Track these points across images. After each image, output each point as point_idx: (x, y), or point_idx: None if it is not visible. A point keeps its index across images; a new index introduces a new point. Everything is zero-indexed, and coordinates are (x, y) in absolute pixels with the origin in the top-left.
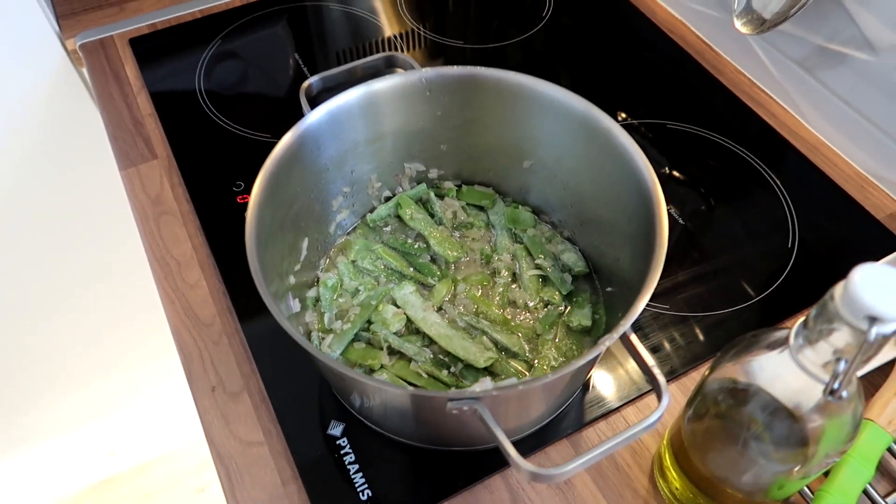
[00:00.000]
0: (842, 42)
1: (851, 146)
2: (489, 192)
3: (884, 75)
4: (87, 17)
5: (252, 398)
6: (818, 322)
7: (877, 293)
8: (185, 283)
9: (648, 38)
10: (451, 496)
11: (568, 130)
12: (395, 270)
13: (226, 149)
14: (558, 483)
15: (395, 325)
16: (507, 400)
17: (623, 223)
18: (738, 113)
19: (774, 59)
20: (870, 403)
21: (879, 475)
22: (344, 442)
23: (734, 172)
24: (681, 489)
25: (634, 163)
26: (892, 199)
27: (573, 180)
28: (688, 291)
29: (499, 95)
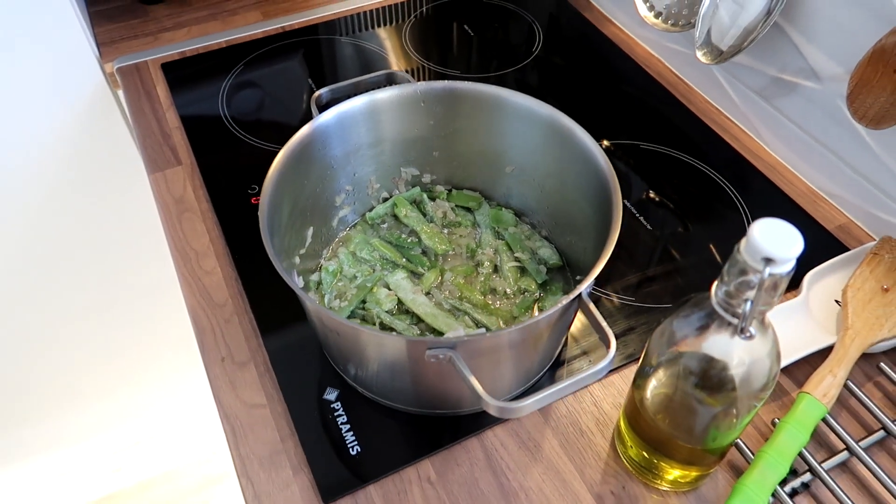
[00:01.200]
0: (792, 73)
1: (804, 166)
2: (476, 195)
3: (829, 101)
4: (124, 44)
5: (257, 368)
6: (730, 271)
7: (771, 240)
8: (202, 270)
9: (627, 72)
10: (432, 454)
11: (538, 134)
12: (389, 260)
13: (243, 157)
14: (527, 444)
15: (387, 305)
16: (480, 351)
17: (589, 214)
18: (707, 138)
19: (736, 88)
20: (808, 380)
21: (817, 444)
22: (338, 406)
23: (703, 189)
24: (635, 450)
25: (594, 158)
26: (840, 212)
27: (548, 182)
28: (652, 286)
29: (479, 106)
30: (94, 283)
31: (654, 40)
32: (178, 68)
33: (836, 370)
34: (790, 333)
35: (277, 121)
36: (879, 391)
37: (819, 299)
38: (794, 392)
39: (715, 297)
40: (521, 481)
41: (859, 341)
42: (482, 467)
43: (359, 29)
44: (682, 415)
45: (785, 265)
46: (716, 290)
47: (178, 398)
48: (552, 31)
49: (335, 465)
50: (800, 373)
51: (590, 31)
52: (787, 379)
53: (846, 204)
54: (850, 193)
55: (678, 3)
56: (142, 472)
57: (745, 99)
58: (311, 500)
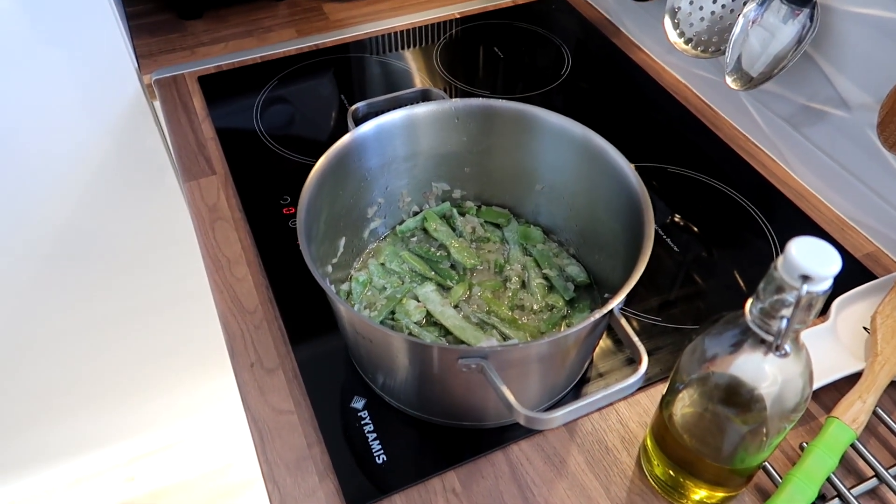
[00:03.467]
0: (821, 101)
1: (832, 193)
2: (505, 212)
3: (858, 130)
4: (162, 57)
5: (286, 374)
6: (766, 289)
7: (808, 258)
8: (233, 277)
9: (654, 98)
10: (457, 465)
11: (570, 154)
12: (418, 273)
13: (276, 169)
14: (552, 460)
15: (415, 316)
16: (510, 362)
17: (619, 232)
18: (734, 163)
19: (765, 116)
20: (837, 405)
21: (846, 470)
22: (364, 414)
23: (729, 214)
24: (662, 469)
25: (626, 177)
26: (868, 240)
27: (577, 201)
28: (676, 308)
29: (513, 124)
30: (120, 289)
31: (682, 67)
32: (213, 82)
33: (866, 396)
34: (818, 358)
35: (309, 135)
36: None
37: (847, 325)
38: (821, 417)
39: (750, 315)
40: (546, 496)
41: (889, 368)
42: (507, 481)
43: (390, 49)
44: (711, 434)
45: (822, 283)
46: (751, 308)
47: (195, 409)
48: (580, 56)
49: (361, 474)
50: (827, 398)
51: (618, 57)
52: (814, 404)
53: (874, 232)
54: (878, 222)
55: (708, 30)
56: (155, 481)
57: (773, 126)
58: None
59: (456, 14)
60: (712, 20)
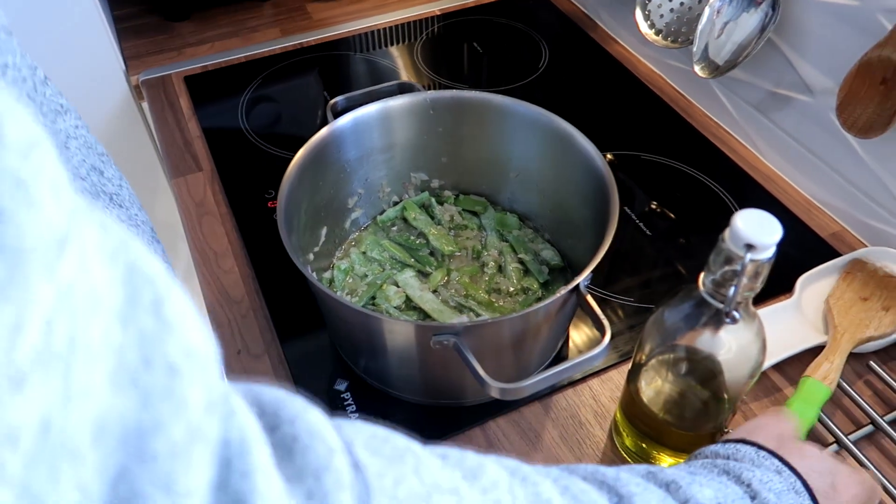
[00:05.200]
0: (786, 86)
1: (799, 176)
2: (482, 200)
3: (821, 114)
4: (149, 58)
5: (272, 360)
6: (716, 260)
7: (752, 228)
8: (220, 269)
9: (630, 88)
10: (437, 442)
11: (539, 141)
12: (398, 260)
13: (260, 165)
14: (528, 435)
15: (395, 301)
16: (483, 338)
17: (588, 217)
18: (706, 149)
19: (734, 102)
20: (808, 368)
21: (809, 438)
22: (347, 395)
23: (701, 198)
24: (631, 440)
25: (593, 161)
26: (833, 220)
27: (549, 187)
28: (651, 289)
29: (484, 114)
30: None
31: (656, 58)
32: (200, 81)
33: (832, 357)
34: (783, 332)
35: (293, 131)
36: (869, 389)
37: (811, 301)
38: (786, 389)
39: (703, 286)
40: None
41: (848, 335)
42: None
43: (372, 47)
44: (675, 402)
45: (765, 251)
46: (703, 279)
47: None
48: (558, 50)
49: None
50: (792, 370)
51: (594, 49)
52: (779, 376)
53: (839, 212)
54: (842, 202)
55: (677, 20)
56: None
57: (743, 112)
58: None
59: (436, 11)
60: (681, 11)
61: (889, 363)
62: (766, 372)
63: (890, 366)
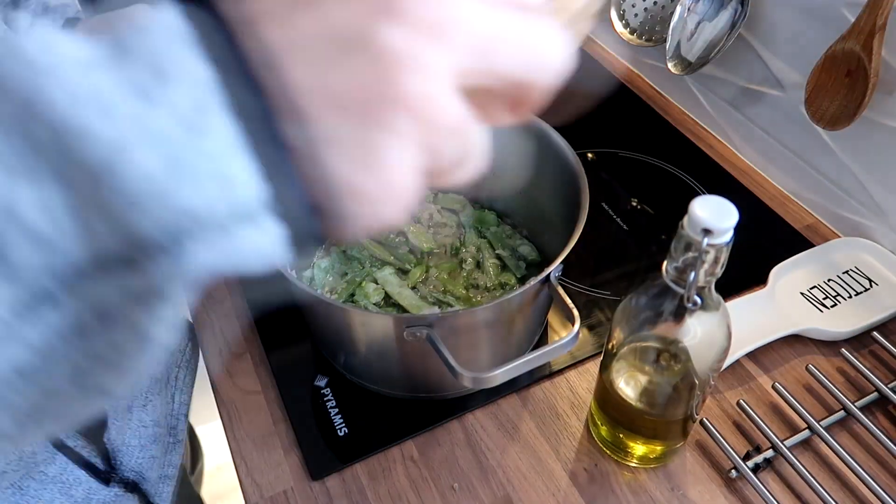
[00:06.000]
0: (758, 82)
1: (773, 169)
2: (461, 198)
3: (792, 107)
4: None
5: (253, 358)
6: (677, 247)
7: (708, 214)
8: None
9: (609, 88)
10: (415, 435)
11: (514, 137)
12: (378, 258)
13: None
14: (506, 426)
15: (374, 298)
16: (456, 329)
17: (563, 211)
18: (684, 146)
19: (709, 99)
20: None
21: (781, 423)
22: (327, 391)
23: (677, 192)
24: (606, 429)
25: (565, 156)
26: (807, 212)
27: (525, 184)
28: (626, 281)
29: None
30: None
31: (633, 56)
32: None
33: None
34: (758, 321)
35: None
36: (841, 376)
37: (784, 291)
38: (760, 377)
39: (666, 273)
40: (499, 460)
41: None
42: (462, 447)
43: None
44: (645, 389)
45: (723, 235)
46: (666, 266)
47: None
48: None
49: (324, 446)
50: (766, 358)
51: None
52: (752, 364)
53: (813, 204)
54: (815, 194)
55: (651, 19)
56: None
57: (718, 108)
58: (301, 477)
59: None
60: (654, 10)
61: (860, 350)
62: (740, 360)
63: (861, 353)
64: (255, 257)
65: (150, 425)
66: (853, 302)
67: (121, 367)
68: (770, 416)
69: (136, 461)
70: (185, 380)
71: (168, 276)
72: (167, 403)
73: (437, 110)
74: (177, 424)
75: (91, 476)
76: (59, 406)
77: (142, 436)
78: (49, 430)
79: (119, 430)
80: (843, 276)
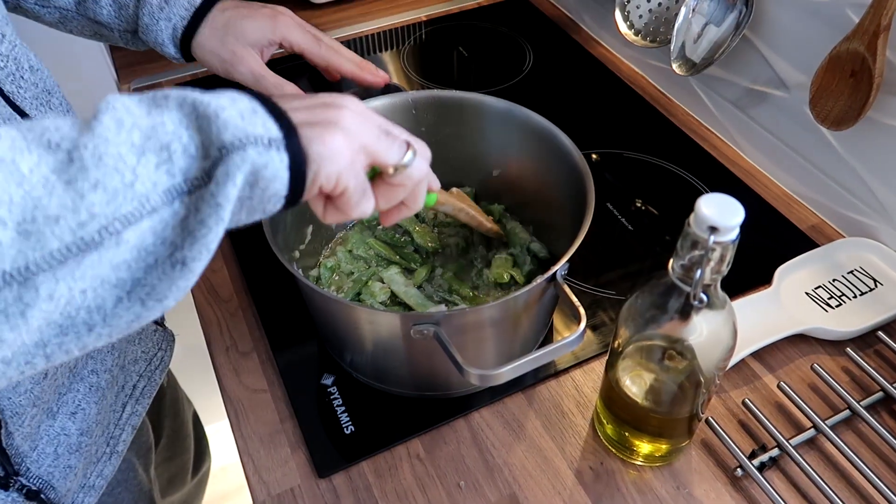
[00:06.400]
0: (763, 83)
1: (778, 170)
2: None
3: (796, 108)
4: (140, 67)
5: (259, 356)
6: (683, 245)
7: (715, 211)
8: (209, 269)
9: (613, 88)
10: (421, 433)
11: (518, 136)
12: (383, 257)
13: None
14: (511, 425)
15: (380, 297)
16: (463, 327)
17: (568, 210)
18: (688, 147)
19: (713, 100)
20: None
21: (786, 422)
22: (333, 390)
23: (685, 195)
24: (611, 427)
25: (569, 153)
26: (812, 213)
27: (530, 182)
28: (632, 280)
29: (464, 112)
30: None
31: (637, 57)
32: (190, 86)
33: None
34: (763, 321)
35: None
36: (846, 375)
37: (789, 291)
38: (765, 376)
39: (672, 272)
40: (504, 458)
41: None
42: (468, 445)
43: (361, 53)
44: (651, 387)
45: (729, 233)
46: (672, 265)
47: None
48: (542, 52)
49: (330, 444)
50: (771, 358)
51: (577, 51)
52: (758, 364)
53: (817, 205)
54: (820, 195)
55: (655, 20)
56: None
57: (722, 109)
58: (308, 475)
59: (422, 17)
60: (658, 11)
61: (865, 350)
62: (744, 360)
63: (866, 353)
64: (273, 172)
65: (74, 434)
66: (858, 302)
67: (200, 242)
68: (775, 415)
69: (45, 469)
70: (143, 390)
71: (231, 175)
72: (111, 413)
73: (352, 128)
74: (119, 435)
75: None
76: (154, 280)
77: (60, 444)
78: (136, 311)
79: (27, 436)
80: (848, 276)
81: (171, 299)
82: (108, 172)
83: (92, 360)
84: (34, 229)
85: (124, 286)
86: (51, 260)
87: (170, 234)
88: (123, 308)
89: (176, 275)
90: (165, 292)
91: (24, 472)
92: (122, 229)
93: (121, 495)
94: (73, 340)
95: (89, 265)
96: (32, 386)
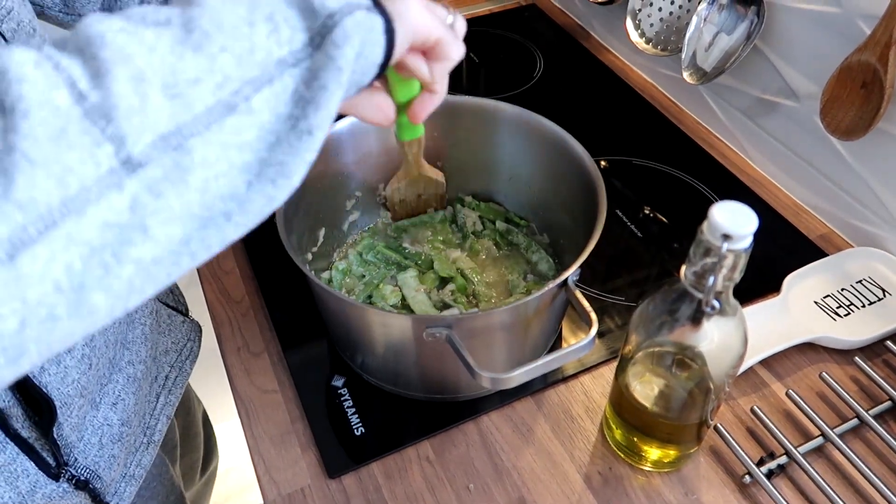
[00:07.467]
0: (773, 92)
1: (787, 179)
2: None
3: (807, 118)
4: None
5: (271, 357)
6: (696, 251)
7: (728, 219)
8: (221, 270)
9: (622, 96)
10: (431, 435)
11: (529, 142)
12: (392, 262)
13: None
14: (520, 429)
15: (391, 300)
16: (474, 331)
17: (580, 216)
18: (698, 155)
19: (723, 109)
20: None
21: (794, 430)
22: (344, 391)
23: (694, 204)
24: (620, 433)
25: (581, 160)
26: (821, 222)
27: (541, 188)
28: (641, 287)
29: (476, 118)
30: None
31: (648, 66)
32: None
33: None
34: (771, 329)
35: None
36: (855, 384)
37: (798, 300)
38: (773, 384)
39: (685, 278)
40: (513, 462)
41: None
42: (478, 448)
43: None
44: (661, 393)
45: (742, 241)
46: (685, 272)
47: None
48: (553, 59)
49: (340, 445)
50: (779, 366)
51: (587, 58)
52: (766, 371)
53: (827, 214)
54: (829, 204)
55: (666, 29)
56: None
57: (732, 118)
58: (318, 475)
59: None
60: (669, 20)
61: (873, 359)
62: (753, 367)
63: (874, 362)
64: (377, 36)
65: (115, 424)
66: (867, 311)
67: (324, 109)
68: (783, 422)
69: (91, 459)
70: (175, 380)
71: (350, 37)
72: (147, 403)
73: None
74: (155, 425)
75: (40, 469)
76: (281, 156)
77: (104, 434)
78: (269, 193)
79: (74, 426)
80: (857, 285)
81: (297, 176)
82: (232, 37)
83: (128, 352)
84: (178, 92)
85: (251, 170)
86: (198, 124)
87: (287, 108)
88: (255, 191)
89: (303, 146)
90: (293, 168)
91: (73, 463)
92: (252, 94)
93: (156, 489)
94: (214, 234)
95: (230, 130)
96: (79, 376)
